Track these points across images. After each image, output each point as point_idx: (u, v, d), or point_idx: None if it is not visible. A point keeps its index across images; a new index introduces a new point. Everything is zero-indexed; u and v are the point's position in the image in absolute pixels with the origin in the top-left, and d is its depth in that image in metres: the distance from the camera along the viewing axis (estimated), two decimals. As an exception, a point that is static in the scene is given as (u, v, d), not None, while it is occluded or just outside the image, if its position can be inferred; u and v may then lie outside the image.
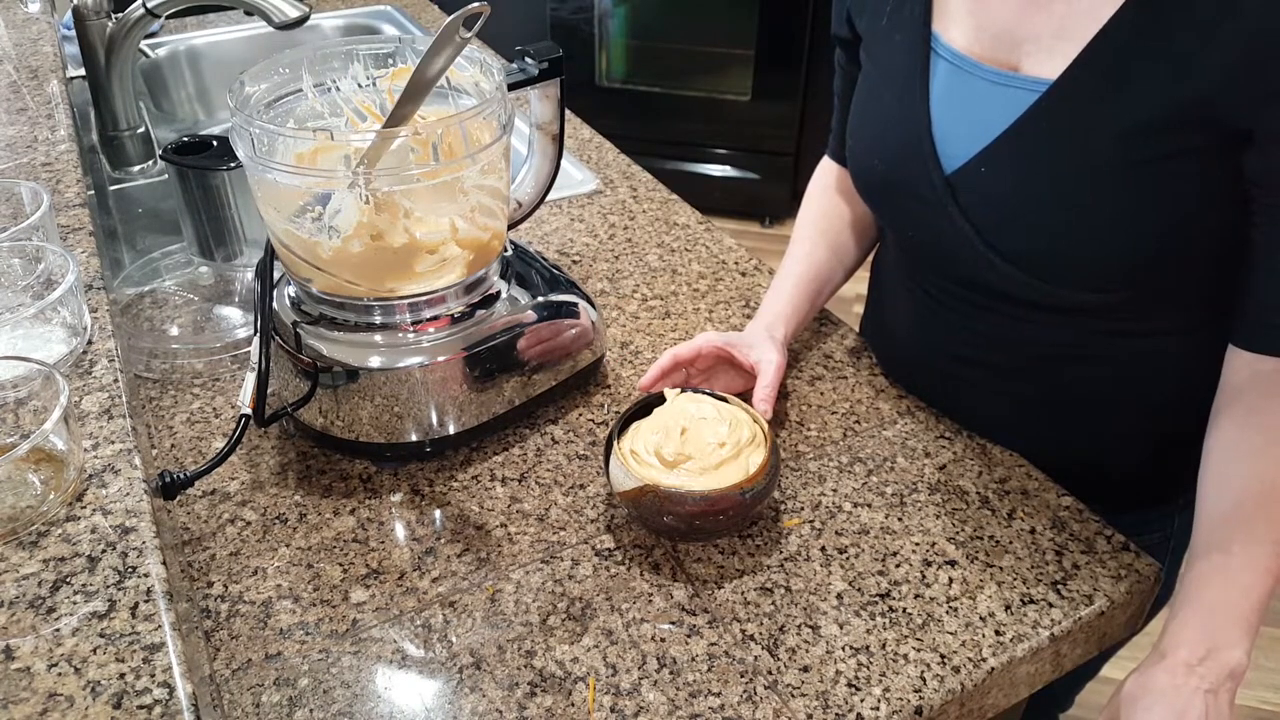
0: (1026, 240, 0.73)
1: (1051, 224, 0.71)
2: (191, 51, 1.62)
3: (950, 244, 0.77)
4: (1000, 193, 0.73)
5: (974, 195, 0.74)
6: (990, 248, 0.74)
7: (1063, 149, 0.69)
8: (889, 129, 0.79)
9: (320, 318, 0.78)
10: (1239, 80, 0.62)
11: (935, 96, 0.76)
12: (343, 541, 0.74)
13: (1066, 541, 0.74)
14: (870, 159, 0.83)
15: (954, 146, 0.75)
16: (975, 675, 0.65)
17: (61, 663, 0.48)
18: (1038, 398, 0.84)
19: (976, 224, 0.74)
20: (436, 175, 0.72)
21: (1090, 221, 0.70)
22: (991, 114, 0.72)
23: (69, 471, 0.58)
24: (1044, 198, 0.71)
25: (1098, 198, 0.69)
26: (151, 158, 1.25)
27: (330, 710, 0.62)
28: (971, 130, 0.74)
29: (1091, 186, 0.69)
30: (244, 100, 0.74)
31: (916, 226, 0.82)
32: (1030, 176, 0.71)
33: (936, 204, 0.76)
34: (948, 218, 0.76)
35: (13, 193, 0.80)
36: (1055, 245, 0.72)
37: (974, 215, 0.74)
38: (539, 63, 0.84)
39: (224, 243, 0.99)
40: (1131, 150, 0.67)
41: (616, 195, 1.21)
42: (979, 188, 0.74)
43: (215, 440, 0.83)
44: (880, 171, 0.82)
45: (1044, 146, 0.70)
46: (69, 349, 0.69)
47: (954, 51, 0.75)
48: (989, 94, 0.73)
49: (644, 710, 0.62)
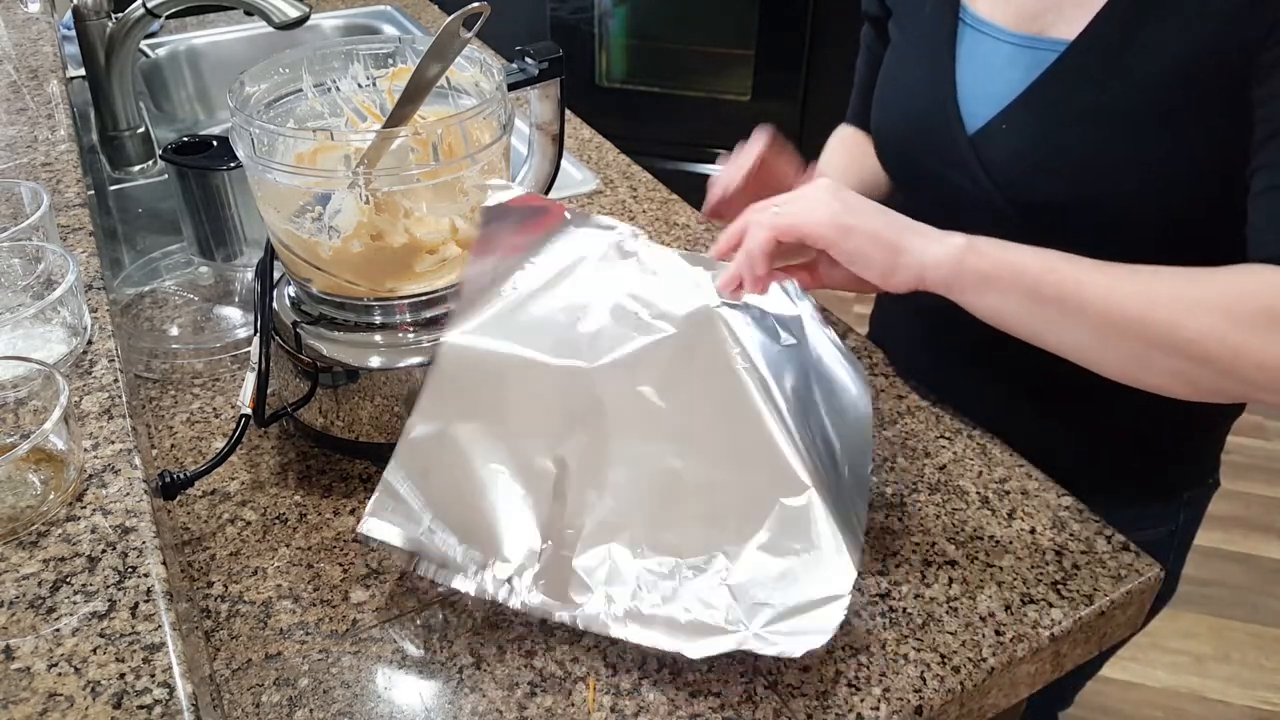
0: (1044, 193, 0.76)
1: (1068, 178, 0.74)
2: (191, 51, 1.62)
3: (971, 203, 0.79)
4: (1020, 147, 0.76)
5: (996, 152, 0.77)
6: (1010, 202, 0.77)
7: (1082, 101, 0.73)
8: (916, 94, 0.84)
9: (320, 318, 0.78)
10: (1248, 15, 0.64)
11: (960, 61, 0.80)
12: (343, 541, 0.74)
13: (1066, 541, 0.74)
14: (896, 123, 0.87)
15: (977, 107, 0.79)
16: (975, 675, 0.65)
17: (61, 663, 0.48)
18: (1047, 384, 0.84)
19: (998, 180, 0.77)
20: (436, 175, 0.72)
21: (1107, 175, 0.72)
22: (1015, 74, 0.76)
23: (69, 471, 0.58)
24: (1063, 149, 0.74)
25: (1113, 151, 0.72)
26: (151, 158, 1.25)
27: (330, 710, 0.62)
28: (994, 91, 0.77)
29: (1111, 135, 0.72)
30: (244, 100, 0.74)
31: (938, 189, 0.84)
32: (1050, 129, 0.74)
33: (960, 164, 0.79)
34: (970, 176, 0.79)
35: (13, 193, 0.80)
36: (1071, 199, 0.74)
37: (995, 172, 0.78)
38: (539, 63, 0.84)
39: (224, 243, 0.99)
40: (1150, 98, 0.69)
41: (616, 195, 1.20)
42: (1001, 144, 0.77)
43: (215, 440, 0.83)
44: (906, 135, 0.86)
45: (1063, 100, 0.74)
46: (69, 349, 0.69)
47: (980, 19, 0.79)
48: (1012, 56, 0.77)
49: (644, 710, 0.62)
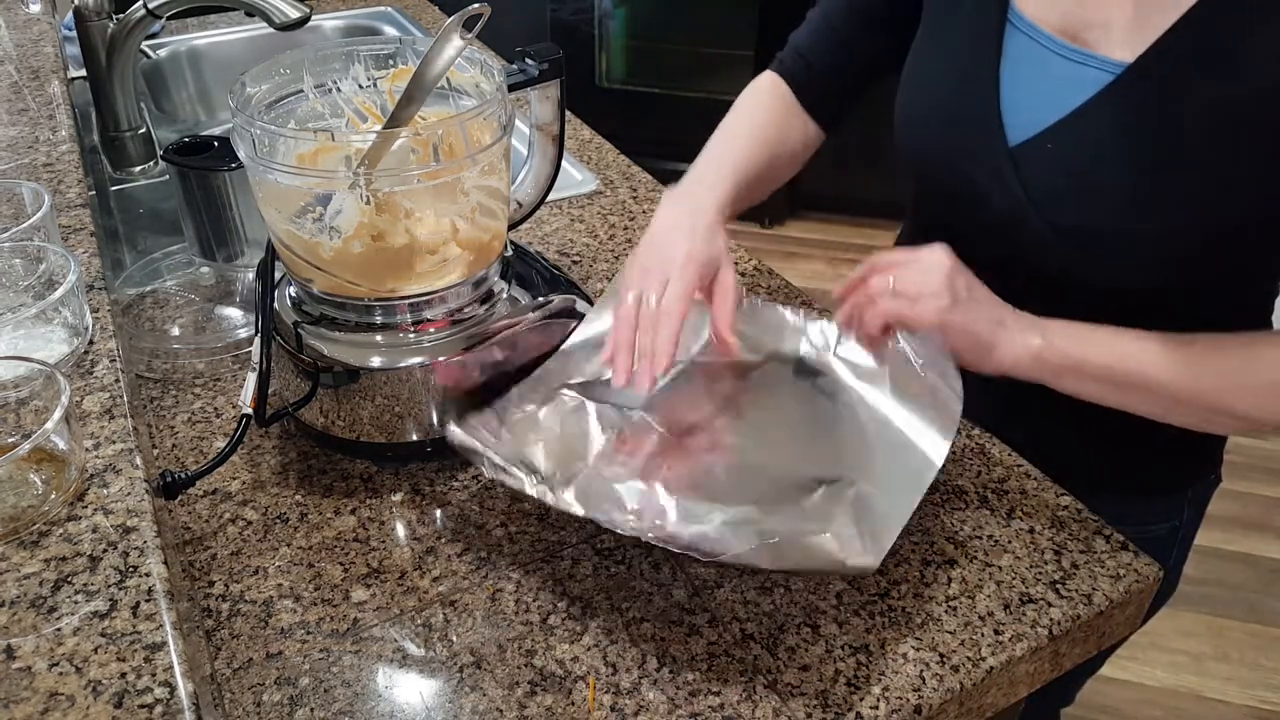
0: (1083, 217, 0.73)
1: (1110, 205, 0.72)
2: (192, 52, 1.62)
3: (1000, 217, 0.76)
4: (1065, 169, 0.73)
5: (1037, 169, 0.74)
6: (1048, 224, 0.74)
7: (1134, 133, 0.70)
8: (954, 93, 0.79)
9: (321, 318, 0.78)
10: None
11: (1005, 66, 0.76)
12: (344, 541, 0.74)
13: (1065, 541, 0.74)
14: (928, 122, 0.82)
15: (1020, 118, 0.75)
16: (974, 674, 0.65)
17: (63, 662, 0.48)
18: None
19: (1035, 198, 0.74)
20: (437, 176, 0.72)
21: (1149, 207, 0.70)
22: (1062, 90, 0.72)
23: (70, 471, 0.58)
24: (1108, 179, 0.71)
25: (1161, 184, 0.69)
26: (152, 158, 1.25)
27: (331, 709, 0.62)
28: (1040, 104, 0.74)
29: (1157, 173, 0.69)
30: (245, 101, 0.74)
31: (967, 196, 0.80)
32: (1099, 156, 0.71)
33: (995, 175, 0.76)
34: (1005, 189, 0.75)
35: (14, 193, 0.81)
36: (1109, 226, 0.72)
37: (1034, 189, 0.74)
38: (539, 64, 0.84)
39: (225, 243, 0.99)
40: (1204, 138, 0.67)
41: (616, 196, 1.21)
42: (1043, 162, 0.74)
43: (216, 440, 0.83)
44: (938, 135, 0.81)
45: (1116, 129, 0.70)
46: (70, 349, 0.69)
47: (1029, 22, 0.75)
48: (1061, 69, 0.73)
49: (644, 709, 0.62)
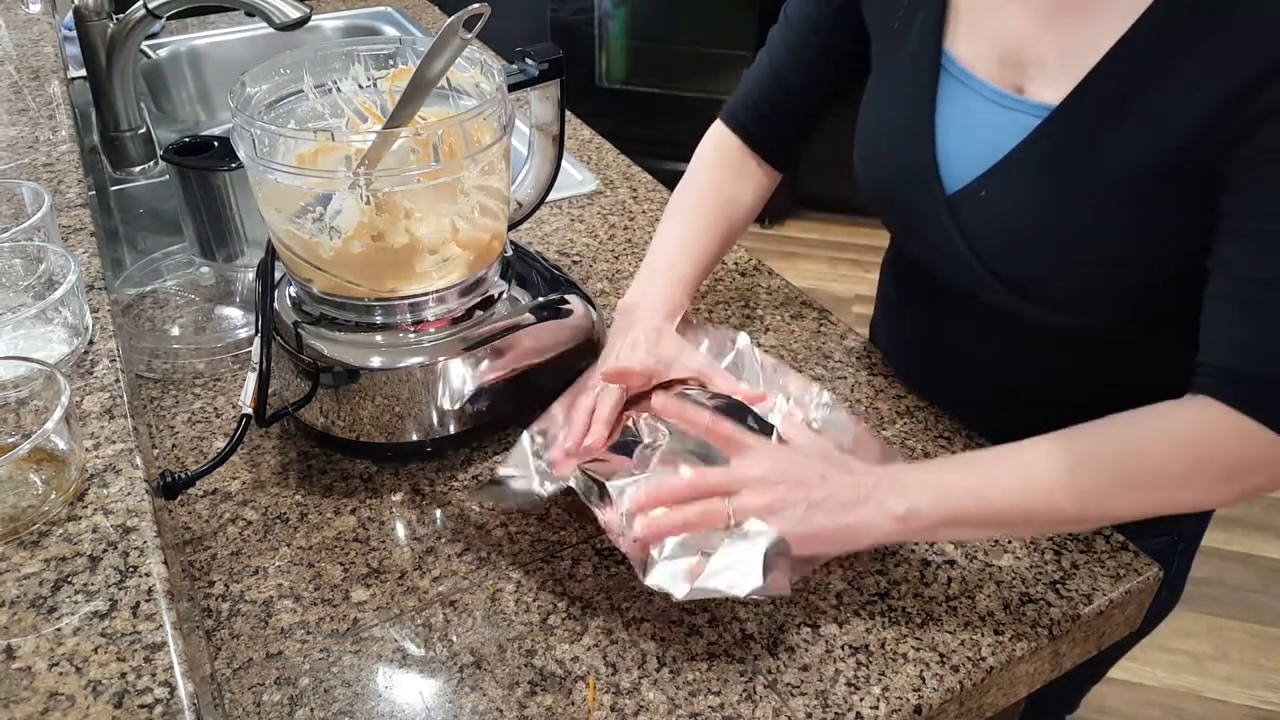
0: (1023, 264, 0.73)
1: (1047, 251, 0.71)
2: (192, 52, 1.62)
3: (950, 261, 0.77)
4: (998, 216, 0.73)
5: (973, 217, 0.74)
6: (990, 271, 0.74)
7: (1061, 177, 0.69)
8: (898, 143, 0.79)
9: (321, 318, 0.78)
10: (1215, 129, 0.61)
11: (941, 114, 0.75)
12: (344, 541, 0.74)
13: (1065, 541, 0.74)
14: (874, 172, 0.82)
15: (957, 168, 0.75)
16: (974, 675, 0.65)
17: (63, 662, 0.48)
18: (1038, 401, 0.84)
19: (975, 246, 0.74)
20: (437, 176, 0.72)
21: (1086, 251, 0.70)
22: (995, 136, 0.72)
23: (70, 471, 0.58)
24: (1041, 224, 0.71)
25: (1094, 228, 0.69)
26: (153, 158, 1.25)
27: (331, 709, 0.62)
28: (974, 151, 0.73)
29: (1088, 216, 0.69)
30: (245, 101, 0.74)
31: (919, 240, 0.82)
32: (1028, 203, 0.71)
33: (937, 224, 0.76)
34: (947, 237, 0.76)
35: (14, 193, 0.81)
36: (1051, 271, 0.72)
37: (973, 237, 0.74)
38: (539, 64, 0.84)
39: (225, 243, 0.99)
40: (1128, 183, 0.66)
41: (616, 196, 1.21)
42: (979, 210, 0.74)
43: (216, 440, 0.83)
44: (885, 185, 0.81)
45: (1043, 173, 0.70)
46: (70, 349, 0.69)
47: (963, 69, 0.74)
48: (993, 115, 0.72)
49: (644, 709, 0.62)
